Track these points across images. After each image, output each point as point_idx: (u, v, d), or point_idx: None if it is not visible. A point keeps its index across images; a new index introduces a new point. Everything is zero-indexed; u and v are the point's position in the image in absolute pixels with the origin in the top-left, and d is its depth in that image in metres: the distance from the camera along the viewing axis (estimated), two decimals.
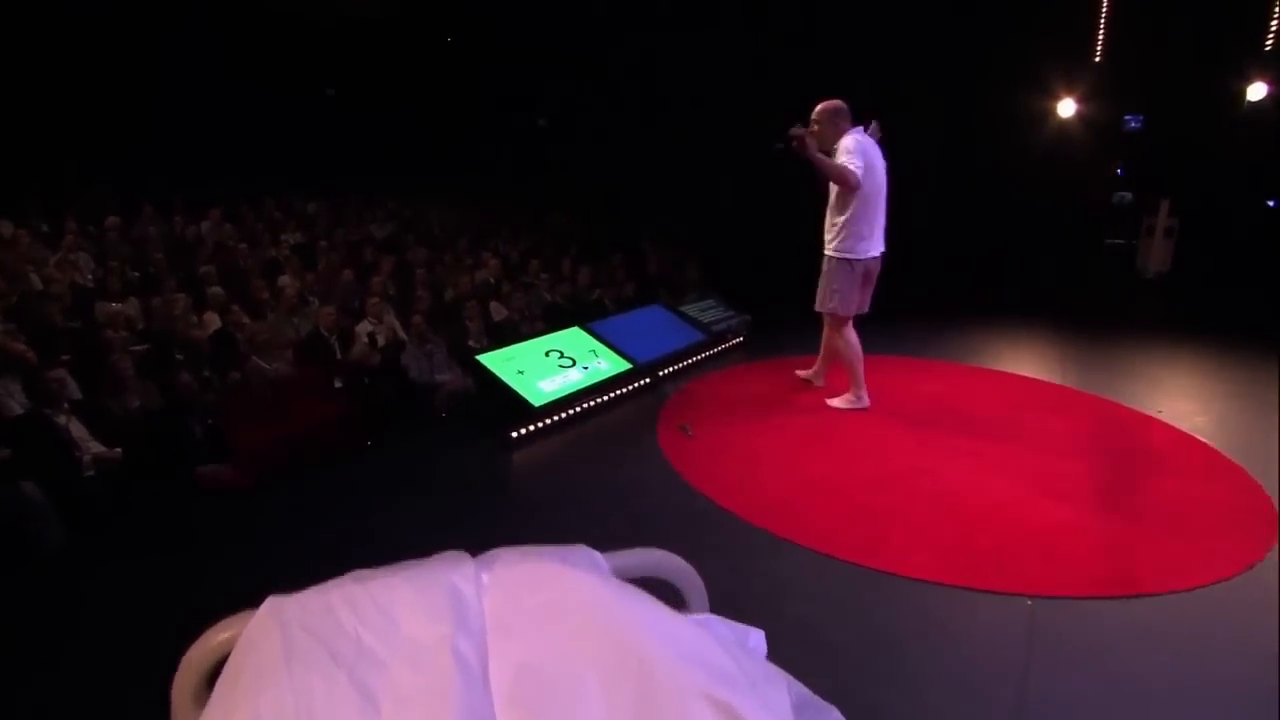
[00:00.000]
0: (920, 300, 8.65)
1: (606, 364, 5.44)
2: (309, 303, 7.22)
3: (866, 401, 5.03)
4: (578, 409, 5.02)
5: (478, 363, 4.91)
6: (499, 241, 10.07)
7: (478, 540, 1.08)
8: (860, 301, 4.91)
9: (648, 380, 5.61)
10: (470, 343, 6.62)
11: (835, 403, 5.10)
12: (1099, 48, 8.60)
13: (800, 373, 5.62)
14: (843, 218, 4.70)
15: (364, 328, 6.67)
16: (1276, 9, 7.70)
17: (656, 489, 4.10)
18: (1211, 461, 4.56)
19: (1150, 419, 5.20)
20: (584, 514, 3.83)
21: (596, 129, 12.82)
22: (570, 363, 5.27)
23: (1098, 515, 3.83)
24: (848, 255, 4.74)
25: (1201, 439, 4.86)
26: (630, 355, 5.59)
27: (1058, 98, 8.70)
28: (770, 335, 7.13)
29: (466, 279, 8.16)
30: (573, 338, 5.61)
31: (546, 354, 5.28)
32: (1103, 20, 8.44)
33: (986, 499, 4.00)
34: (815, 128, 4.71)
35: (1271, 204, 9.60)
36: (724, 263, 9.69)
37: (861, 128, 4.78)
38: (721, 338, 6.57)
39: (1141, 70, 8.32)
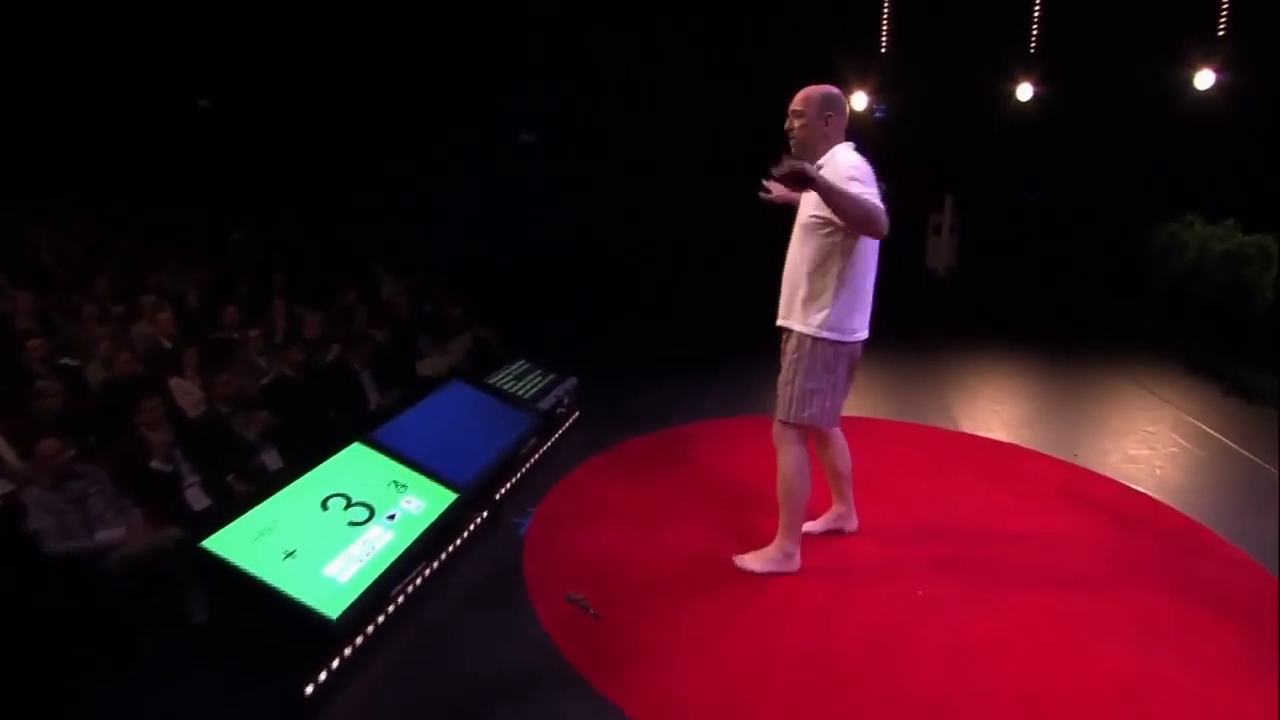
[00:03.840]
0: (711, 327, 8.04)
1: (420, 501, 3.64)
2: None
3: (798, 563, 3.60)
4: (400, 598, 3.21)
5: (208, 556, 2.87)
6: (163, 277, 7.36)
7: None
8: (840, 405, 3.52)
9: (486, 513, 3.92)
10: (155, 464, 4.34)
11: (749, 562, 3.63)
12: (884, 40, 8.54)
13: (814, 526, 3.91)
14: (832, 277, 3.24)
15: None
16: (1036, 13, 8.16)
17: None
18: (1162, 517, 4.35)
19: (1074, 468, 4.98)
20: None
21: (285, 113, 10.21)
22: (366, 513, 3.40)
23: (1140, 650, 3.13)
24: (835, 336, 3.29)
25: (1137, 488, 4.69)
26: (450, 478, 3.83)
27: (850, 90, 8.53)
28: (606, 401, 5.87)
29: (123, 345, 5.58)
30: (356, 464, 3.69)
31: (324, 504, 3.35)
32: (885, 12, 8.37)
33: (1020, 655, 3.11)
34: (796, 124, 3.25)
35: (1031, 197, 10.60)
36: (487, 289, 8.10)
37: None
38: (553, 418, 5.05)
39: (921, 67, 8.42)
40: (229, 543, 2.96)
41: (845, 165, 3.13)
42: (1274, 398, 6.12)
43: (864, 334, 3.37)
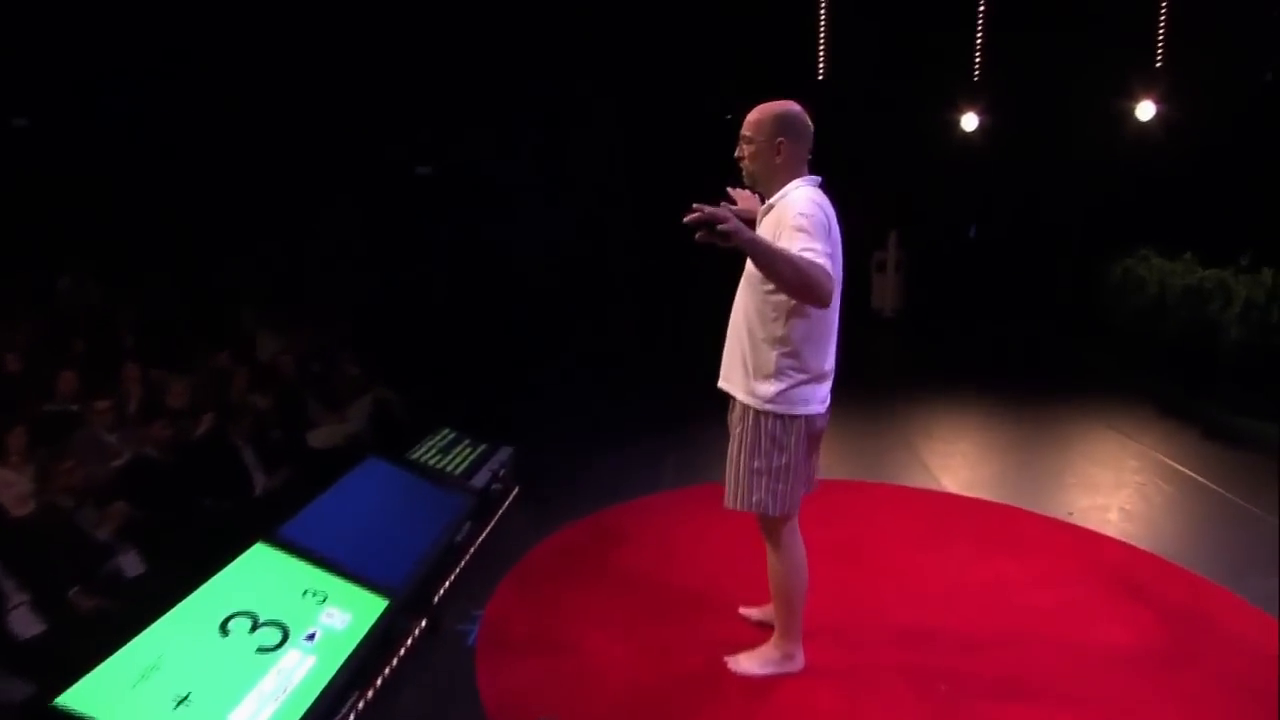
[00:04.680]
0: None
1: (344, 614, 3.19)
2: None
3: (801, 662, 3.37)
4: None
5: (67, 718, 2.36)
6: None
7: None
8: (808, 481, 3.29)
9: (424, 621, 3.50)
10: None
11: (745, 665, 3.39)
12: (821, 65, 8.77)
13: (749, 611, 3.79)
14: (778, 341, 2.96)
15: None
16: (979, 40, 8.58)
17: None
18: (1175, 579, 4.31)
19: (1074, 529, 4.95)
20: None
21: (125, 132, 9.46)
22: (279, 635, 2.93)
23: None
24: (783, 409, 3.01)
25: (1141, 547, 4.68)
26: (378, 581, 3.40)
27: None
28: (545, 474, 5.55)
29: None
30: (260, 571, 3.21)
31: (224, 628, 2.87)
32: (822, 36, 8.61)
33: None
34: (746, 151, 3.00)
35: (971, 234, 11.04)
36: (387, 342, 7.67)
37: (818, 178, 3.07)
38: (490, 497, 4.68)
39: (861, 93, 8.68)
40: (97, 695, 2.45)
41: (793, 210, 2.80)
42: (1257, 442, 6.37)
43: (820, 407, 3.08)
